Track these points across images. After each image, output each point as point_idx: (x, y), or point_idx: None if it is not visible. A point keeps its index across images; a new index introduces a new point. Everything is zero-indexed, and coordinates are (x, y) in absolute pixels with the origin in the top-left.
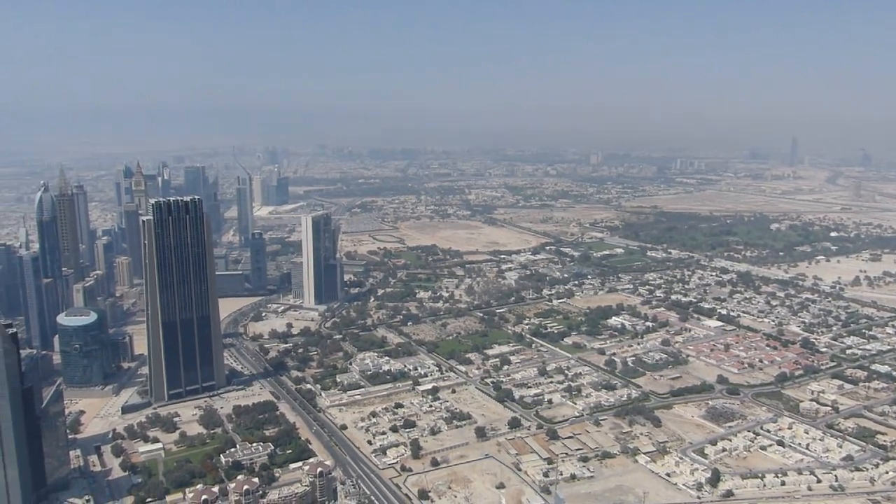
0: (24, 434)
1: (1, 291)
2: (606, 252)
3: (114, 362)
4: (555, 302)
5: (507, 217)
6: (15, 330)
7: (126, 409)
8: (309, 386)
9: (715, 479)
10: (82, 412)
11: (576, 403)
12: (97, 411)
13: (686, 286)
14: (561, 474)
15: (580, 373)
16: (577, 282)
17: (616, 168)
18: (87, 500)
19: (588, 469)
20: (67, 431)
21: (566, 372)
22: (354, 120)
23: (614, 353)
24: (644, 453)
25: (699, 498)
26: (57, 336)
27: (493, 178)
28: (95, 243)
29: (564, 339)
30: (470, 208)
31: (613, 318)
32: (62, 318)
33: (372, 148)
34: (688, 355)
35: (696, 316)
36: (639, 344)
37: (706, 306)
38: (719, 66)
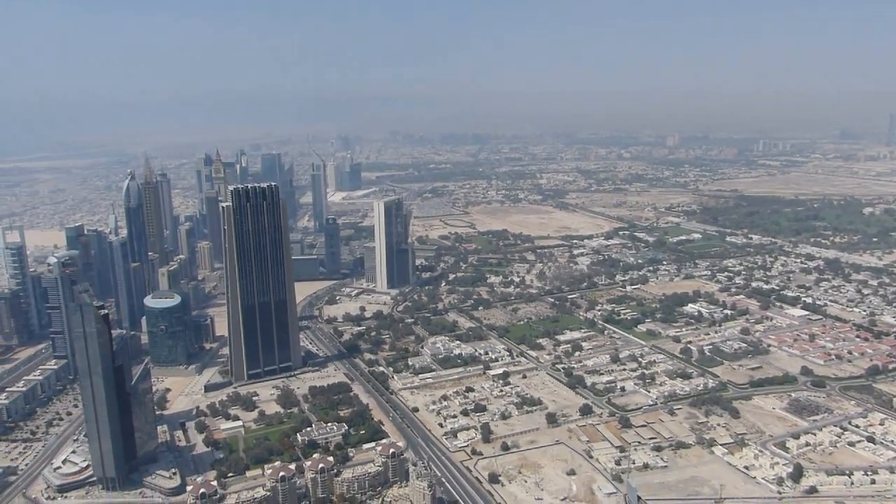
0: (116, 409)
1: (93, 275)
2: (683, 237)
3: (197, 343)
4: (628, 288)
5: (580, 201)
6: (107, 311)
7: (208, 388)
8: (381, 368)
9: (797, 475)
10: (168, 390)
11: (649, 392)
12: (182, 389)
13: (768, 273)
14: (633, 463)
15: (654, 360)
16: (651, 267)
17: (694, 150)
18: (174, 473)
19: (662, 459)
20: (155, 408)
21: (639, 359)
22: (426, 105)
23: (690, 342)
24: (721, 445)
25: (780, 493)
26: (144, 317)
27: (565, 162)
28: (179, 229)
29: (638, 326)
30: (541, 192)
31: (690, 305)
32: (149, 301)
33: (443, 133)
34: (769, 345)
35: (778, 304)
36: (716, 332)
37: (790, 294)
38: (805, 40)
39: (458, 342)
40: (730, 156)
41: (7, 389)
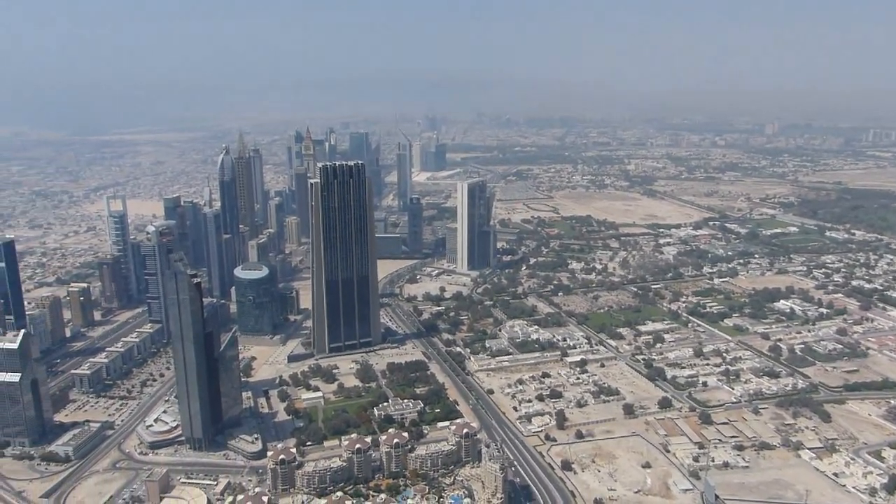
0: (205, 374)
1: (188, 244)
2: (778, 230)
3: (282, 314)
4: (716, 280)
5: (668, 189)
6: (199, 280)
7: (291, 359)
8: (458, 349)
9: (893, 486)
10: (253, 358)
11: (733, 389)
12: (266, 358)
13: (871, 271)
14: (713, 460)
15: (740, 357)
16: (742, 260)
17: (795, 139)
18: (256, 438)
19: (743, 458)
20: (240, 375)
21: (724, 355)
22: (513, 88)
23: (780, 339)
24: (808, 449)
25: None
26: (234, 287)
27: (655, 148)
28: (269, 203)
29: (724, 321)
30: (628, 179)
31: (782, 301)
32: (238, 272)
33: (529, 116)
34: (868, 348)
35: (881, 305)
36: (809, 331)
37: (895, 295)
38: None
39: (536, 327)
40: (834, 146)
41: (107, 349)
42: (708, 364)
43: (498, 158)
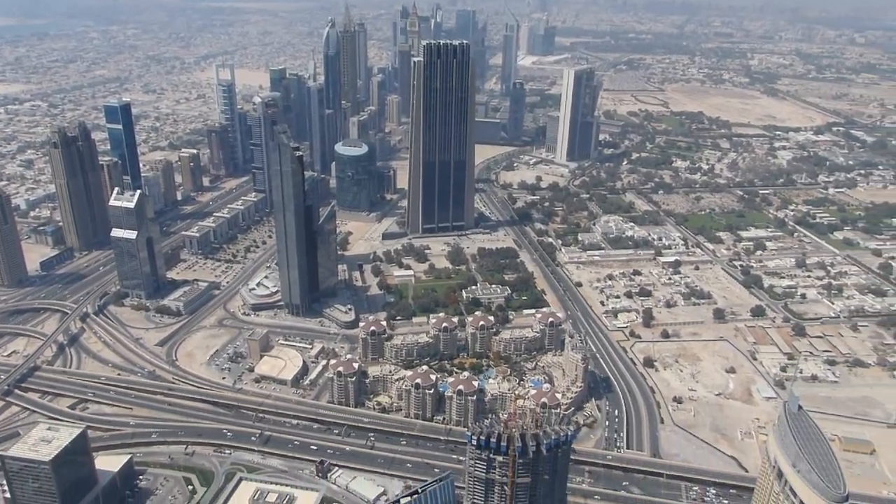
0: (304, 244)
1: (292, 117)
2: None
3: (379, 192)
4: (831, 190)
5: (792, 89)
6: (301, 153)
7: (386, 236)
8: (550, 240)
9: None
10: (350, 233)
11: (833, 303)
12: (362, 234)
13: None
14: (801, 372)
15: (845, 272)
16: (863, 171)
17: None
18: (349, 309)
19: (833, 373)
20: (337, 248)
21: (829, 268)
22: None
23: (893, 257)
24: None
25: None
26: (334, 163)
27: (784, 43)
28: (371, 80)
29: (834, 233)
30: (749, 75)
31: None
32: (339, 147)
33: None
34: None
35: None
36: None
37: None
38: None
39: (631, 224)
40: None
41: (214, 214)
42: (810, 276)
43: (609, 45)
